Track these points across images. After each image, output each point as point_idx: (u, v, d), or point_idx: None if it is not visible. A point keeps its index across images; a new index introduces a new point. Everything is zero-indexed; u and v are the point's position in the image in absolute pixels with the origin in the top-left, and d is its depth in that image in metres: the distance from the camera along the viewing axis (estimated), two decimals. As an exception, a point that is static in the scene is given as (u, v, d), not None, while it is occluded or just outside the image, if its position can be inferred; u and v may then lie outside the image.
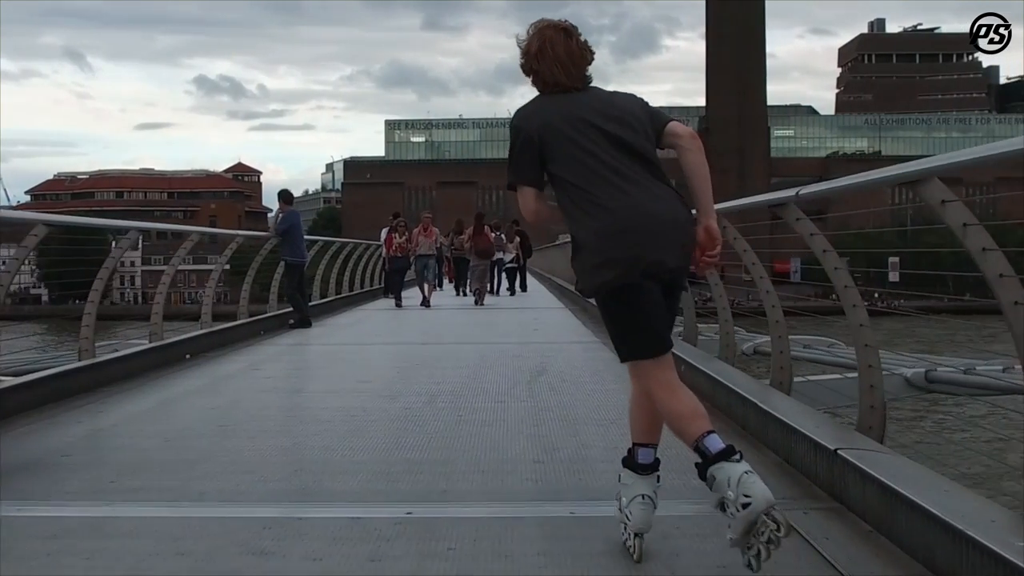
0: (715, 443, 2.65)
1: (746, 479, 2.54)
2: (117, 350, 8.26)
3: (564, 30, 3.03)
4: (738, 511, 2.53)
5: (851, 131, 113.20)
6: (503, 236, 20.12)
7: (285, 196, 12.85)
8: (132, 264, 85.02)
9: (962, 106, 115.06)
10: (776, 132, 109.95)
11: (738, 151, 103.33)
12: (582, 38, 3.05)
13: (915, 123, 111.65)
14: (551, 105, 3.00)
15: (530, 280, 23.40)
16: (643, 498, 2.86)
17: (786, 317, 6.44)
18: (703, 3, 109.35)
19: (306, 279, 13.12)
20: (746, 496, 2.52)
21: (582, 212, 2.86)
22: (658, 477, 2.93)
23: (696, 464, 2.68)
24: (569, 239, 3.21)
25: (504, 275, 20.87)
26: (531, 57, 3.04)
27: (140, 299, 76.88)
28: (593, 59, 3.06)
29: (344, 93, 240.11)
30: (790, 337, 10.57)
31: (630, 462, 2.95)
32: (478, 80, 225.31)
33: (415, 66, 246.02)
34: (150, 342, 9.08)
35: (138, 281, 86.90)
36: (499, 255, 19.91)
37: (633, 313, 2.83)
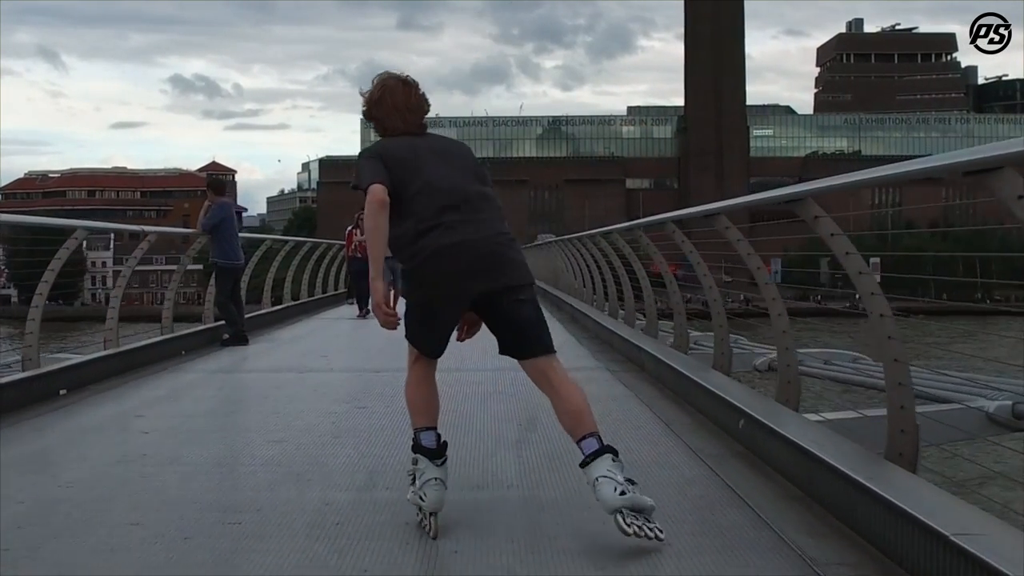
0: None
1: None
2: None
3: (404, 81, 3.44)
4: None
5: (830, 131, 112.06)
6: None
7: (214, 185, 10.43)
8: (104, 264, 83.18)
9: (940, 106, 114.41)
10: (755, 132, 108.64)
11: (717, 151, 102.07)
12: (420, 91, 3.47)
13: (895, 123, 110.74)
14: (394, 142, 3.39)
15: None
16: (436, 480, 3.17)
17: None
18: (678, 3, 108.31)
19: (240, 286, 10.81)
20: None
21: (416, 233, 3.16)
22: (445, 460, 3.24)
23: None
24: (550, 238, 2.82)
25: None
26: (372, 105, 3.43)
27: (105, 299, 75.97)
28: (429, 109, 3.48)
29: (319, 92, 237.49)
30: (804, 351, 8.37)
31: (420, 448, 3.24)
32: (453, 80, 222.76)
33: (390, 65, 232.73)
34: (23, 369, 6.94)
35: (109, 281, 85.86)
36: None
37: (426, 324, 3.30)
